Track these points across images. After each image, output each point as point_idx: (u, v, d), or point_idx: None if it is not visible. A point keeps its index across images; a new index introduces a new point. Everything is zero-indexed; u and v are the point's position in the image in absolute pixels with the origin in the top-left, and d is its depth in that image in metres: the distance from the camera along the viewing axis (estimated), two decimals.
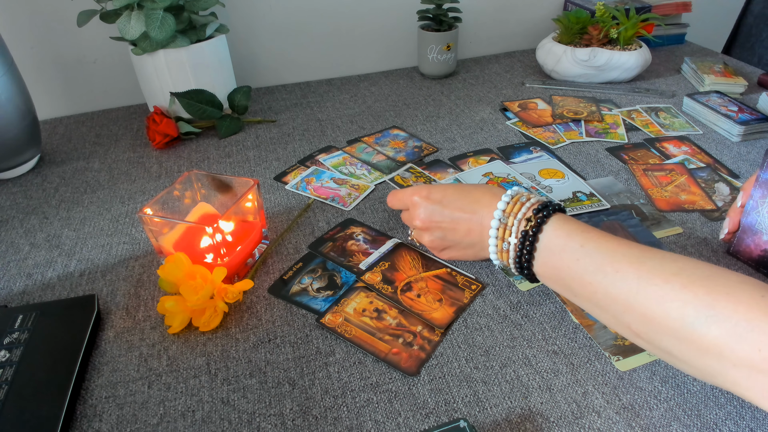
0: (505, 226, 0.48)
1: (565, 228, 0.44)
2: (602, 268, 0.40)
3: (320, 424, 0.43)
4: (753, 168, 0.73)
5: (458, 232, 0.52)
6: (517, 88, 1.01)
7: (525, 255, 0.46)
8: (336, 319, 0.52)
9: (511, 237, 0.47)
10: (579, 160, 0.77)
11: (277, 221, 0.66)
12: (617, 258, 0.40)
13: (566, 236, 0.44)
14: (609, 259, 0.41)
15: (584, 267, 0.42)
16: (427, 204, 0.53)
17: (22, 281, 0.58)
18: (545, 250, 0.45)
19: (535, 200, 0.48)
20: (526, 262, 0.46)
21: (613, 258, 0.41)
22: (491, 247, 0.49)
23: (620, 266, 0.40)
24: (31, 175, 0.79)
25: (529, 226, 0.46)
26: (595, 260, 0.41)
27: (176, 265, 0.50)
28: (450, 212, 0.52)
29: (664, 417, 0.42)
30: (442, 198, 0.53)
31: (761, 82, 0.97)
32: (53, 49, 0.93)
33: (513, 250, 0.47)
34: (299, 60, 1.07)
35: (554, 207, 0.47)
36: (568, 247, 0.43)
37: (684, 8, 1.15)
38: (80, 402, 0.45)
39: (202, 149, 0.83)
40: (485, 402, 0.44)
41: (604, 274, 0.40)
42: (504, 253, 0.49)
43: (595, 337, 0.49)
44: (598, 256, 0.41)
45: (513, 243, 0.47)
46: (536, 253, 0.46)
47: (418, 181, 0.68)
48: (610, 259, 0.40)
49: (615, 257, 0.40)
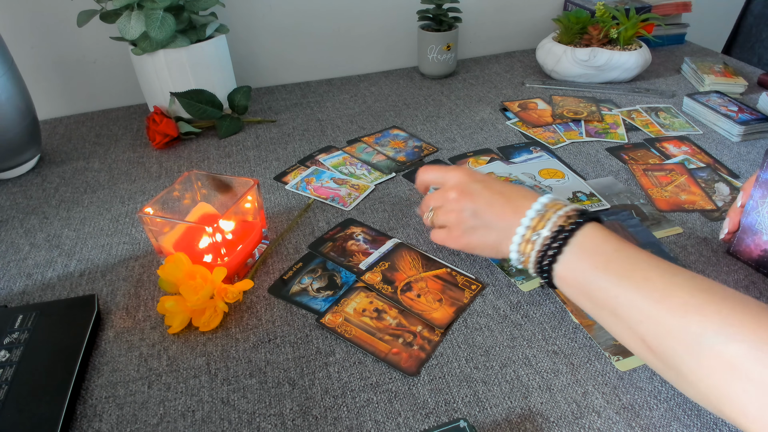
0: (541, 217, 0.46)
1: (603, 233, 0.44)
2: (631, 274, 0.40)
3: (320, 424, 0.43)
4: (753, 168, 0.73)
5: (489, 213, 0.50)
6: (517, 88, 1.01)
7: (553, 250, 0.44)
8: (336, 319, 0.52)
9: (544, 230, 0.45)
10: (579, 160, 0.77)
11: (277, 221, 0.66)
12: (649, 268, 0.40)
13: (603, 239, 0.43)
14: (640, 267, 0.40)
15: (614, 270, 0.41)
16: (470, 179, 0.53)
17: (22, 281, 0.58)
18: (577, 247, 0.44)
19: (575, 206, 0.47)
20: (551, 258, 0.45)
21: (644, 267, 0.40)
22: (517, 236, 0.47)
23: (650, 275, 0.39)
24: (31, 175, 0.79)
25: (567, 222, 0.45)
26: (625, 265, 0.41)
27: (176, 265, 0.50)
28: (489, 193, 0.51)
29: (664, 417, 0.42)
30: (485, 179, 0.52)
31: (761, 82, 0.97)
32: (53, 49, 0.93)
33: (540, 243, 0.46)
34: (299, 60, 1.07)
35: (593, 215, 0.46)
36: (601, 249, 0.43)
37: (684, 8, 1.15)
38: (80, 402, 0.45)
39: (202, 149, 0.83)
40: (485, 402, 0.44)
41: (632, 280, 0.40)
42: (528, 245, 0.47)
43: (595, 336, 0.49)
44: (628, 263, 0.41)
45: (544, 236, 0.45)
46: (564, 251, 0.44)
47: None
48: (642, 267, 0.40)
49: (646, 267, 0.40)
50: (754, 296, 0.53)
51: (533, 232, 0.46)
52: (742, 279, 0.55)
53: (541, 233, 0.45)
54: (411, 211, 0.67)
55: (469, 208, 0.51)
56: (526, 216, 0.47)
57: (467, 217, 0.51)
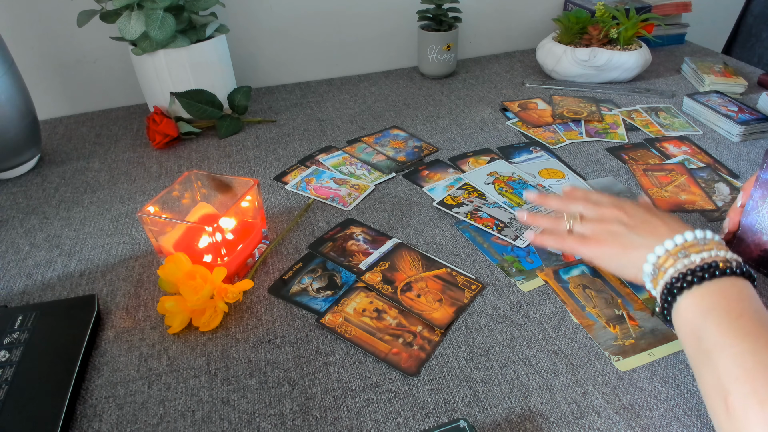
0: (700, 245, 0.43)
1: (751, 292, 0.41)
2: (757, 337, 0.37)
3: (320, 424, 0.43)
4: (753, 168, 0.73)
5: (641, 227, 0.48)
6: (517, 88, 1.01)
7: (696, 277, 0.41)
8: (336, 319, 0.52)
9: (697, 255, 0.42)
10: (579, 160, 0.77)
11: (277, 221, 0.66)
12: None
13: (749, 296, 0.40)
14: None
15: (743, 324, 0.38)
16: (630, 202, 0.52)
17: (22, 281, 0.58)
18: (720, 287, 0.41)
19: (739, 258, 0.44)
20: (687, 283, 0.41)
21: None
22: (661, 248, 0.44)
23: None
24: (31, 175, 0.79)
25: (725, 263, 0.42)
26: (756, 325, 0.38)
27: (176, 265, 0.50)
28: (649, 214, 0.49)
29: (664, 417, 0.42)
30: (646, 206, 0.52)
31: (761, 82, 0.97)
32: (53, 49, 0.93)
33: (685, 265, 0.42)
34: (299, 60, 1.07)
35: (750, 273, 0.42)
36: (742, 303, 0.39)
37: (684, 8, 1.15)
38: (80, 402, 0.45)
39: (202, 149, 0.83)
40: (485, 402, 0.44)
41: (755, 340, 0.37)
42: (669, 260, 0.43)
43: (596, 337, 0.49)
44: (760, 324, 0.38)
45: (693, 259, 0.42)
46: (706, 284, 0.41)
47: (471, 196, 0.68)
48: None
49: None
50: None
51: (682, 250, 0.43)
52: None
53: (692, 257, 0.42)
54: (411, 210, 0.67)
55: (622, 219, 0.50)
56: (682, 235, 0.44)
57: (615, 226, 0.50)
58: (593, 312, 0.52)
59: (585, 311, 0.52)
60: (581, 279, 0.55)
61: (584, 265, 0.57)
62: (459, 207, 0.67)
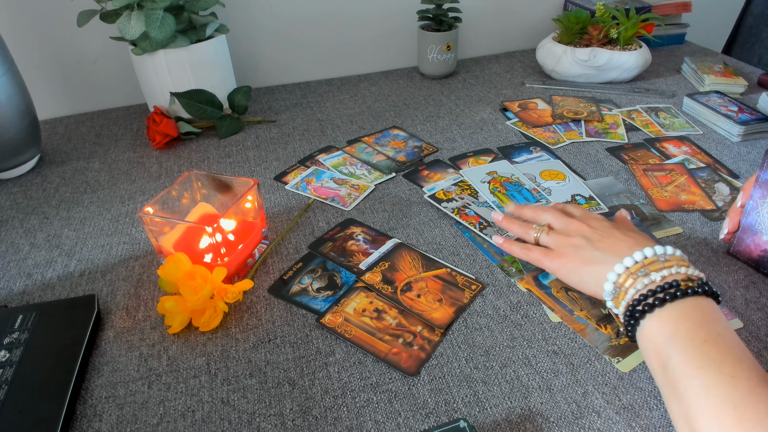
0: (661, 262, 0.43)
1: (715, 313, 0.40)
2: (721, 366, 0.36)
3: (320, 424, 0.43)
4: (753, 168, 0.73)
5: (605, 241, 0.48)
6: (517, 88, 1.01)
7: (656, 299, 0.40)
8: (336, 319, 0.52)
9: (657, 274, 0.42)
10: (579, 160, 0.77)
11: (277, 221, 0.66)
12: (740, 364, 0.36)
13: (713, 318, 0.39)
14: (731, 361, 0.36)
15: (706, 352, 0.37)
16: (596, 217, 0.53)
17: (22, 281, 0.58)
18: (683, 309, 0.40)
19: (702, 274, 0.43)
20: (648, 306, 0.40)
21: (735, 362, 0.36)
22: (621, 266, 0.44)
23: (737, 373, 0.35)
24: (31, 175, 0.79)
25: (687, 282, 0.41)
26: (720, 353, 0.37)
27: (176, 265, 0.50)
28: (613, 228, 0.50)
29: (664, 417, 0.42)
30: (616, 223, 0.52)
31: (761, 82, 0.97)
32: (53, 49, 0.93)
33: (644, 285, 0.42)
34: (299, 60, 1.07)
35: (713, 290, 0.42)
36: (706, 327, 0.38)
37: (684, 8, 1.15)
38: (80, 402, 0.45)
39: (202, 149, 0.83)
40: (485, 402, 0.44)
41: (718, 372, 0.36)
42: (629, 280, 0.43)
43: (591, 340, 0.49)
44: (723, 351, 0.37)
45: (653, 278, 0.41)
46: (668, 306, 0.40)
47: (463, 193, 0.68)
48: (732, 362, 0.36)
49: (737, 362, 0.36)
50: (753, 296, 0.53)
51: (642, 268, 0.43)
52: (742, 279, 0.55)
53: (652, 275, 0.42)
54: (411, 211, 0.67)
55: (585, 233, 0.50)
56: (642, 251, 0.43)
57: (578, 239, 0.50)
58: (582, 315, 0.51)
59: (574, 315, 0.51)
60: (561, 282, 0.55)
61: None
62: (448, 202, 0.67)
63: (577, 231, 0.51)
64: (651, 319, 0.41)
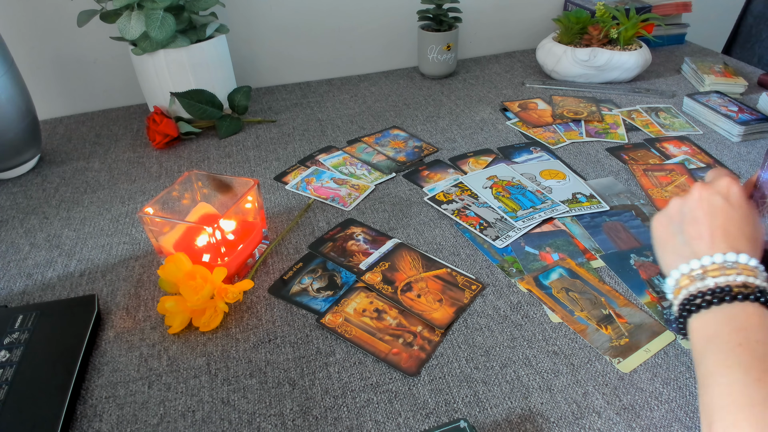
0: (727, 268, 0.42)
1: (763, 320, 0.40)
2: (749, 369, 0.36)
3: (320, 424, 0.43)
4: (753, 168, 0.73)
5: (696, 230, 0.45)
6: (517, 88, 1.01)
7: (715, 299, 0.41)
8: (336, 319, 0.52)
9: (714, 279, 0.42)
10: (579, 160, 0.77)
11: (277, 221, 0.66)
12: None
13: (759, 325, 0.39)
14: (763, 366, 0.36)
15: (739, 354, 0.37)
16: (716, 192, 0.48)
17: (22, 281, 0.58)
18: (732, 312, 0.40)
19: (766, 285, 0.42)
20: (705, 303, 0.41)
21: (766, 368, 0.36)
22: (685, 266, 0.43)
23: (764, 377, 0.36)
24: (31, 175, 0.79)
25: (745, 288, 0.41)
26: (752, 357, 0.37)
27: (176, 265, 0.50)
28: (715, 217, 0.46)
29: (664, 417, 0.42)
30: (737, 205, 0.48)
31: (761, 82, 0.97)
32: (53, 49, 0.93)
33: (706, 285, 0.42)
34: (299, 60, 1.07)
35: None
36: (747, 332, 0.39)
37: (684, 8, 1.15)
38: (80, 402, 0.45)
39: (202, 149, 0.83)
40: (485, 402, 0.44)
41: (746, 373, 0.36)
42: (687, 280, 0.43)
43: (591, 341, 0.49)
44: (757, 356, 0.37)
45: (709, 284, 0.42)
46: (722, 306, 0.40)
47: (463, 194, 0.68)
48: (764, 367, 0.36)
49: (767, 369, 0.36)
50: None
51: (703, 273, 0.43)
52: None
53: (708, 280, 0.42)
54: (411, 211, 0.67)
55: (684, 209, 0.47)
56: (712, 257, 0.43)
57: (674, 213, 0.48)
58: (582, 315, 0.51)
59: (575, 316, 0.51)
60: (561, 282, 0.55)
61: (560, 267, 0.57)
62: (449, 204, 0.67)
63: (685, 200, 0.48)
64: (697, 318, 0.42)
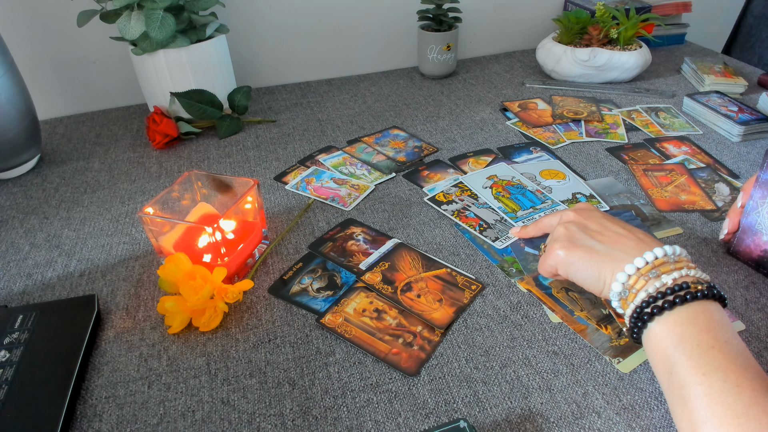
0: (672, 263, 0.41)
1: (723, 317, 0.39)
2: (726, 374, 0.36)
3: (320, 425, 0.43)
4: (753, 168, 0.73)
5: (604, 235, 0.46)
6: (517, 88, 1.01)
7: (666, 302, 0.39)
8: (336, 319, 0.52)
9: (668, 276, 0.40)
10: (579, 160, 0.77)
11: (277, 221, 0.66)
12: (745, 372, 0.36)
13: (720, 322, 0.39)
14: (737, 369, 0.36)
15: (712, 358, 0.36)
16: (593, 209, 0.50)
17: (22, 281, 0.58)
18: (691, 313, 0.39)
19: (707, 276, 0.42)
20: (658, 308, 0.39)
21: (741, 371, 0.36)
22: (631, 266, 0.42)
23: (742, 382, 0.35)
24: (31, 175, 0.79)
25: (696, 284, 0.40)
26: (726, 360, 0.36)
27: (176, 265, 0.50)
28: (611, 222, 0.47)
29: (664, 418, 0.42)
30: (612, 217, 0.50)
31: (761, 82, 0.97)
32: (53, 49, 0.93)
33: (655, 287, 0.40)
34: (299, 60, 1.07)
35: (721, 294, 0.41)
36: (713, 332, 0.38)
37: (684, 8, 1.15)
38: (80, 402, 0.45)
39: (202, 149, 0.83)
40: (485, 402, 0.44)
41: (723, 380, 0.35)
42: (641, 281, 0.41)
43: (591, 341, 0.49)
44: (729, 359, 0.36)
45: (665, 281, 0.40)
46: (677, 309, 0.39)
47: (463, 194, 0.68)
48: (738, 370, 0.36)
49: (743, 371, 0.36)
50: (753, 296, 0.53)
51: (653, 269, 0.41)
52: (742, 279, 0.55)
53: (663, 278, 0.41)
54: (411, 211, 0.67)
55: (582, 223, 0.48)
56: (653, 251, 0.42)
57: (575, 231, 0.47)
58: (582, 315, 0.51)
59: (574, 316, 0.51)
60: (561, 282, 0.55)
61: None
62: (448, 204, 0.67)
63: (574, 220, 0.49)
64: (659, 323, 0.40)
